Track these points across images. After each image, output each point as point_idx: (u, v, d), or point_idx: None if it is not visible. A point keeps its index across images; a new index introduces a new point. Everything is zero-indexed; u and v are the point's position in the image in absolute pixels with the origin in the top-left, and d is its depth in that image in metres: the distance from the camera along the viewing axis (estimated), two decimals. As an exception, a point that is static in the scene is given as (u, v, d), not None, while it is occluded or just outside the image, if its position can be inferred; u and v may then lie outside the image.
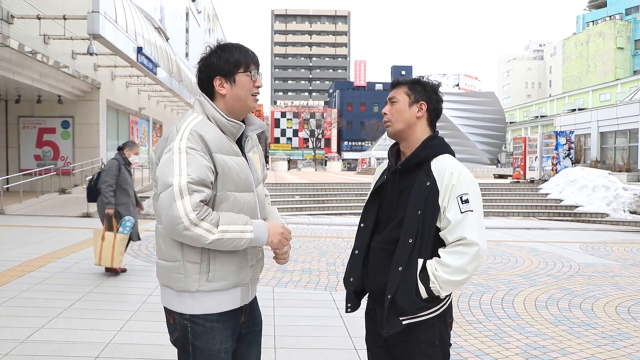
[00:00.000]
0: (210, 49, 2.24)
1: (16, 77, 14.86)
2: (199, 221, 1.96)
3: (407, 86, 2.33)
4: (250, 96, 2.21)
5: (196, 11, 45.96)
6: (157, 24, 27.10)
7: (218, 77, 2.18)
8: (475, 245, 2.14)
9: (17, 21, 13.59)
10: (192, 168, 2.00)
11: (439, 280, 2.13)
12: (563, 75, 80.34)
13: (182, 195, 1.96)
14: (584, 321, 5.51)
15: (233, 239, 2.04)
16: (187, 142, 2.05)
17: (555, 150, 24.65)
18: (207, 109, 2.18)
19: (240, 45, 2.24)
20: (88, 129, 20.06)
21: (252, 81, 2.20)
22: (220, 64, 2.19)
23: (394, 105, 2.32)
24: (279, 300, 6.08)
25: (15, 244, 9.24)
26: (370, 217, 2.37)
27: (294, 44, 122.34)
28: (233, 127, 2.17)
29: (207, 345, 2.13)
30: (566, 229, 15.33)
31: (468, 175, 2.22)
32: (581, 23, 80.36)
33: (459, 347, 4.67)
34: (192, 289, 2.10)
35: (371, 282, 2.31)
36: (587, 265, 8.65)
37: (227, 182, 2.11)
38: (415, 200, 2.18)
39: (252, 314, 2.34)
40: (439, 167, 2.21)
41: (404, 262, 2.16)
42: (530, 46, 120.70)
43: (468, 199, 2.17)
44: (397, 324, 2.17)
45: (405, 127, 2.30)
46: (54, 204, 16.05)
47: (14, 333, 4.60)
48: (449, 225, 2.16)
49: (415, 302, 2.15)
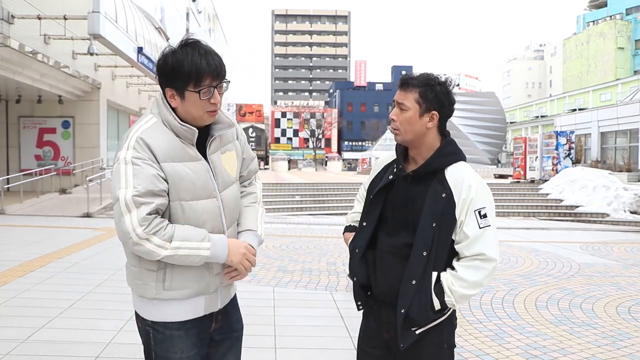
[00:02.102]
0: (165, 50, 2.01)
1: (17, 77, 14.86)
2: (148, 236, 1.89)
3: (418, 92, 2.15)
4: (204, 113, 2.01)
5: (196, 11, 45.93)
6: (157, 24, 27.09)
7: (168, 88, 2.00)
8: (493, 261, 2.11)
9: (17, 21, 13.59)
10: (138, 179, 1.90)
11: (454, 295, 2.10)
12: (563, 75, 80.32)
13: (130, 209, 1.88)
14: (584, 321, 5.50)
15: (187, 256, 1.94)
16: (134, 151, 1.93)
17: (555, 150, 24.66)
18: (162, 112, 2.03)
19: (199, 49, 1.97)
20: (88, 129, 20.07)
21: (205, 99, 1.97)
22: (168, 74, 1.98)
23: (404, 114, 2.17)
24: (279, 300, 6.07)
25: (15, 243, 9.24)
26: (373, 217, 2.27)
27: (295, 44, 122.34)
28: (187, 131, 2.00)
29: (167, 354, 2.06)
30: (566, 229, 15.32)
31: (485, 187, 2.16)
32: (582, 23, 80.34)
33: (460, 347, 4.67)
34: (149, 296, 2.04)
35: (381, 286, 2.23)
36: (587, 265, 8.65)
37: (180, 191, 1.98)
38: (429, 212, 2.10)
39: (226, 320, 2.23)
40: (455, 178, 2.13)
41: (418, 276, 2.10)
42: (531, 46, 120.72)
43: (486, 213, 2.11)
44: (412, 335, 2.13)
45: (414, 137, 2.18)
46: (55, 204, 16.05)
47: (15, 333, 4.60)
48: (467, 240, 2.10)
49: (429, 316, 2.12)
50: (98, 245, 9.28)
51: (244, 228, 2.22)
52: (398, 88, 2.22)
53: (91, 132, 20.07)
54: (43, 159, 19.97)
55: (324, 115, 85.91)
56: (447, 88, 2.19)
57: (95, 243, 9.47)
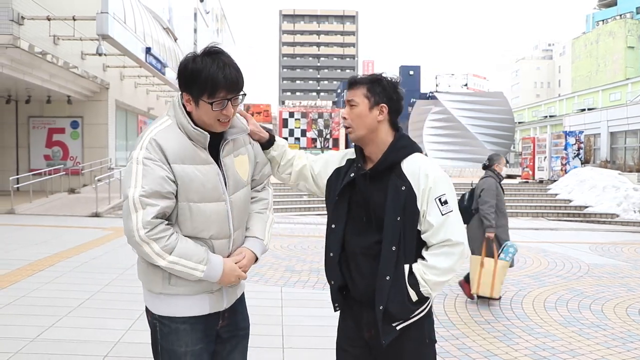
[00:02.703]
0: (189, 55, 2.07)
1: (26, 78, 14.95)
2: (149, 240, 1.95)
3: (365, 87, 2.22)
4: (216, 121, 2.06)
5: (204, 11, 46.08)
6: (165, 25, 27.20)
7: (185, 92, 2.06)
8: (460, 245, 2.15)
9: (27, 22, 13.66)
10: (146, 180, 1.96)
11: (429, 284, 2.13)
12: (572, 74, 79.87)
13: (136, 209, 1.94)
14: (593, 322, 5.48)
15: (182, 272, 2.02)
16: (146, 152, 1.99)
17: (564, 150, 24.56)
18: (177, 115, 2.08)
19: (219, 61, 2.01)
20: (97, 129, 20.14)
21: (218, 110, 2.03)
22: (187, 79, 2.04)
23: (354, 110, 2.22)
24: (287, 300, 6.08)
25: (25, 243, 9.30)
26: (341, 217, 2.28)
27: (302, 44, 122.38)
28: (199, 136, 2.05)
29: (173, 347, 2.11)
30: (575, 229, 15.25)
31: (442, 174, 2.20)
32: (591, 22, 79.87)
33: (467, 347, 4.66)
34: (156, 290, 2.11)
35: (359, 286, 2.25)
36: (596, 266, 8.60)
37: (189, 192, 2.03)
38: (392, 207, 2.14)
39: (233, 317, 2.27)
40: (411, 170, 2.17)
41: (391, 271, 2.13)
42: (539, 46, 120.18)
43: (447, 199, 2.15)
44: (392, 331, 2.16)
45: (367, 132, 2.22)
46: (64, 203, 16.14)
47: (24, 331, 4.63)
48: (432, 229, 2.14)
49: (407, 308, 2.15)
50: (107, 244, 9.32)
51: (252, 235, 2.27)
52: (346, 89, 2.30)
53: (100, 132, 20.14)
54: (52, 159, 20.06)
55: (331, 115, 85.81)
56: (393, 83, 2.25)
57: (103, 242, 9.51)
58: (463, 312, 5.80)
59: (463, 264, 2.31)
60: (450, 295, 6.50)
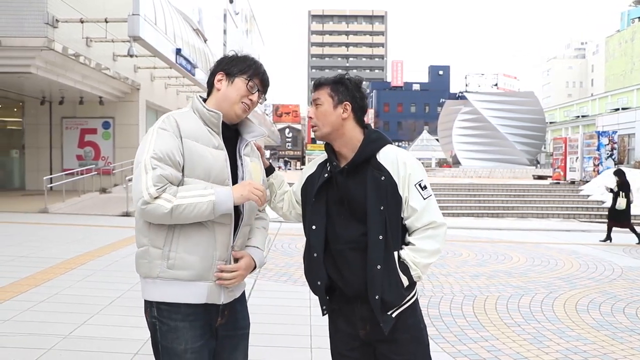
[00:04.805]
0: (233, 52, 2.33)
1: (60, 79, 15.27)
2: (159, 193, 2.01)
3: (329, 87, 2.33)
4: (239, 101, 2.23)
5: (234, 12, 46.40)
6: (195, 26, 27.45)
7: (221, 72, 2.26)
8: (444, 226, 2.27)
9: (61, 25, 13.94)
10: (158, 144, 2.06)
11: (419, 266, 2.22)
12: (606, 73, 78.37)
13: (147, 170, 2.03)
14: (627, 326, 5.36)
15: (194, 204, 2.03)
16: (162, 123, 2.14)
17: (597, 151, 24.11)
18: (194, 102, 2.25)
19: (258, 64, 2.30)
20: (128, 129, 20.45)
21: (248, 90, 2.24)
22: (229, 62, 2.27)
23: (319, 109, 2.31)
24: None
25: (58, 241, 9.49)
26: (321, 217, 2.31)
27: (331, 45, 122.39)
28: (212, 116, 2.18)
29: (172, 345, 2.12)
30: (609, 231, 14.91)
31: (417, 161, 2.31)
32: (626, 20, 78.16)
33: (497, 350, 4.61)
34: (153, 274, 2.12)
35: (352, 283, 2.24)
36: (630, 269, 8.42)
37: (196, 168, 2.11)
38: (374, 197, 2.19)
39: (232, 316, 2.28)
40: (389, 160, 2.26)
41: (381, 260, 2.17)
42: (572, 44, 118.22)
43: (425, 184, 2.26)
44: (389, 319, 2.21)
45: (332, 130, 2.30)
46: (95, 203, 16.42)
47: (57, 328, 4.72)
48: (416, 213, 2.23)
49: (401, 294, 2.21)
50: (137, 243, 9.43)
51: (253, 244, 2.34)
52: (312, 91, 2.38)
53: (131, 132, 20.44)
54: (84, 159, 20.42)
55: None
56: (356, 82, 2.36)
57: (133, 242, 9.60)
58: (493, 313, 5.73)
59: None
60: (479, 296, 6.43)
